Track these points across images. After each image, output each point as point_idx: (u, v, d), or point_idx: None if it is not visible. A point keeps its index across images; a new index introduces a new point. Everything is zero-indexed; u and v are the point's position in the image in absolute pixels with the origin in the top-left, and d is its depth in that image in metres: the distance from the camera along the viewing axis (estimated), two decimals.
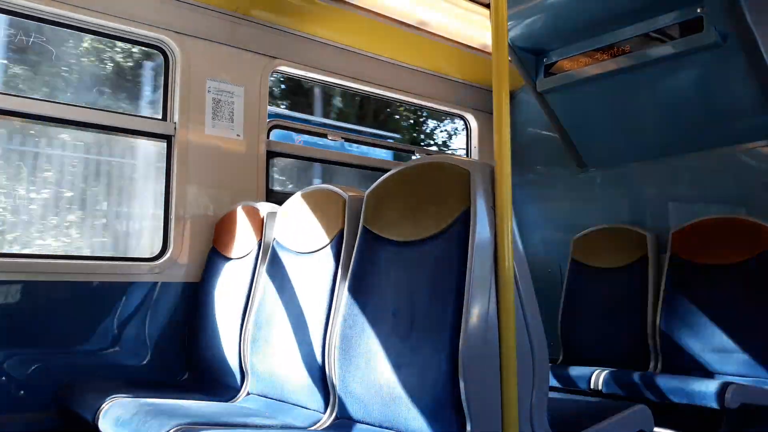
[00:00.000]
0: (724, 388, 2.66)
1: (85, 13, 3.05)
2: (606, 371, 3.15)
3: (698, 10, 3.19)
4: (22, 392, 2.74)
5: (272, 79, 3.67)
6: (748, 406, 2.75)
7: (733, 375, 3.08)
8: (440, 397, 1.86)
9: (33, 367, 2.79)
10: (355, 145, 4.44)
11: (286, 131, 3.93)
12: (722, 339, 3.23)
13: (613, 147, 4.09)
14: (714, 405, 2.67)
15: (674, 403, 2.81)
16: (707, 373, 3.20)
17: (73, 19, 3.06)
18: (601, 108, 3.94)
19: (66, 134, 3.81)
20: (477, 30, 4.02)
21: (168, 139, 3.28)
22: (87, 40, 4.33)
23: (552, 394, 2.03)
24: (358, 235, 2.36)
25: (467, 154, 4.82)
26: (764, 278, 3.17)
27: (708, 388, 2.71)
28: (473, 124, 4.75)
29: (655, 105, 3.74)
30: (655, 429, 2.26)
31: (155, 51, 3.35)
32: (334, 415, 2.23)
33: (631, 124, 3.90)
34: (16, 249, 3.59)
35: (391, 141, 4.74)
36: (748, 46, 3.09)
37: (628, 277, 3.73)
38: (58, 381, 2.79)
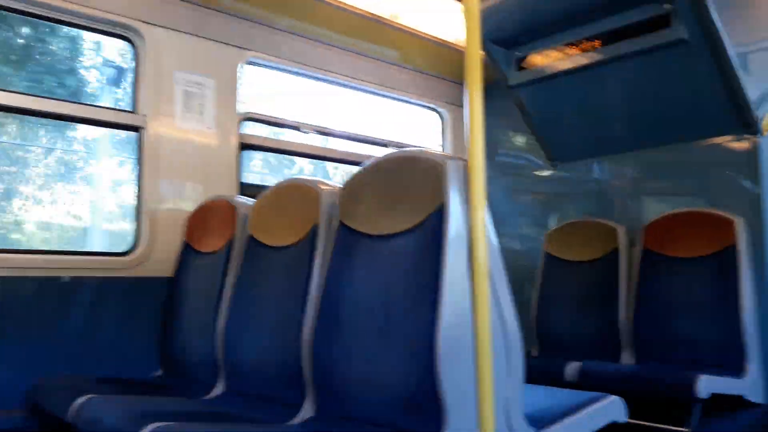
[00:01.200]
0: (694, 378, 2.71)
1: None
2: (579, 363, 3.19)
3: (666, 7, 3.23)
4: None
5: None
6: (719, 395, 2.81)
7: (703, 365, 3.14)
8: (417, 390, 1.87)
9: (2, 365, 2.74)
10: None
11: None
12: (693, 330, 3.29)
13: (583, 141, 4.13)
14: (685, 396, 2.72)
15: (646, 394, 2.86)
16: (678, 364, 3.25)
17: (35, 5, 2.98)
18: (572, 102, 3.98)
19: None
20: (450, 23, 4.03)
21: (138, 131, 3.23)
22: None
23: (526, 386, 2.05)
24: (333, 229, 2.35)
25: (441, 148, 4.83)
26: (733, 270, 3.23)
27: (678, 378, 2.76)
28: (447, 117, 4.77)
29: (624, 100, 3.79)
30: (628, 419, 2.30)
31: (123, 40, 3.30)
32: (310, 410, 2.22)
33: (602, 118, 3.94)
34: None
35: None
36: (713, 43, 3.14)
37: (600, 270, 3.78)
38: (28, 379, 2.73)
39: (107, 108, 3.21)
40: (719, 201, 3.48)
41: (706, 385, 2.71)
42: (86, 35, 3.24)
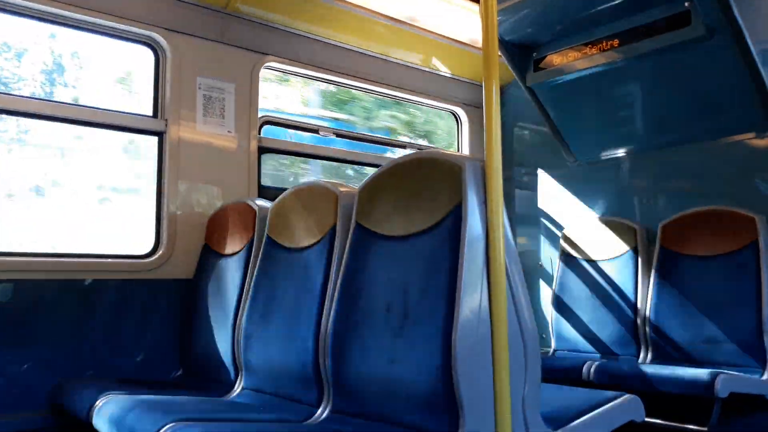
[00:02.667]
0: (713, 377, 2.69)
1: (75, 10, 3.03)
2: (597, 362, 3.18)
3: (686, 4, 3.21)
4: (14, 390, 2.74)
5: None
6: (738, 394, 2.79)
7: (722, 364, 3.11)
8: (434, 389, 1.88)
9: (26, 366, 2.79)
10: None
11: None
12: (711, 329, 3.26)
13: (602, 140, 4.11)
14: (704, 394, 2.69)
15: (664, 393, 2.83)
16: (697, 363, 3.23)
17: (61, 16, 3.05)
18: (591, 102, 3.96)
19: None
20: (467, 25, 4.03)
21: (159, 135, 3.27)
22: None
23: (544, 385, 2.05)
24: (351, 231, 2.36)
25: (458, 149, 4.83)
26: (751, 268, 3.20)
27: (698, 377, 2.74)
28: (464, 118, 4.77)
29: (643, 98, 3.77)
30: (646, 418, 2.28)
31: (146, 48, 3.35)
32: (328, 409, 2.24)
33: (621, 117, 3.92)
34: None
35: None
36: (735, 40, 3.12)
37: (618, 269, 3.76)
38: (51, 379, 2.78)
39: (129, 113, 3.24)
40: (741, 199, 3.44)
41: (726, 384, 2.68)
42: None
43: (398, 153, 4.58)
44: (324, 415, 2.23)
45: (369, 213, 2.31)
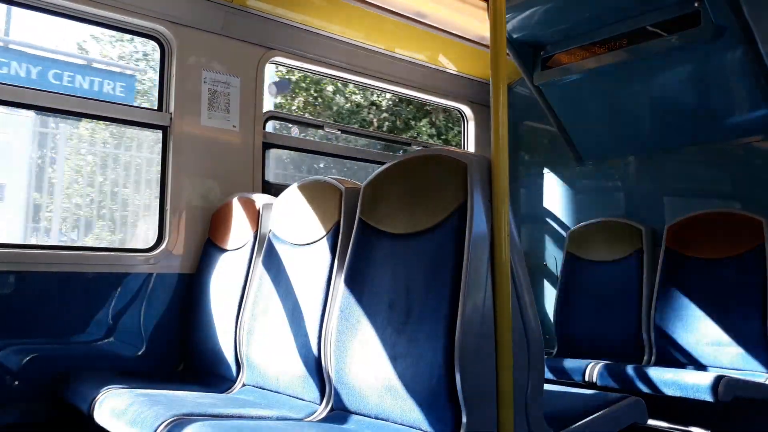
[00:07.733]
0: (717, 381, 2.67)
1: (82, 2, 3.02)
2: (600, 364, 3.17)
3: (695, 5, 3.19)
4: (16, 383, 2.74)
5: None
6: (741, 399, 2.77)
7: (726, 368, 3.10)
8: (436, 388, 1.87)
9: (28, 358, 2.78)
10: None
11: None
12: (716, 332, 3.24)
13: (609, 140, 4.09)
14: (707, 398, 2.68)
15: (668, 396, 2.82)
16: (701, 366, 3.22)
17: (67, 8, 3.04)
18: (598, 101, 3.94)
19: None
20: (475, 22, 4.01)
21: (164, 129, 3.27)
22: None
23: (547, 387, 2.04)
24: (355, 227, 2.35)
25: (464, 147, 4.82)
26: (758, 272, 3.18)
27: (701, 381, 2.73)
28: (470, 116, 4.75)
29: (651, 99, 3.75)
30: (649, 421, 2.27)
31: (151, 41, 3.33)
32: (329, 406, 2.23)
33: (628, 117, 3.90)
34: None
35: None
36: (745, 41, 3.10)
37: (623, 271, 3.74)
38: (53, 372, 2.78)
39: (133, 106, 3.23)
40: (748, 202, 3.42)
41: (730, 387, 2.67)
42: None
43: None
44: (325, 412, 2.22)
45: (373, 210, 2.30)
